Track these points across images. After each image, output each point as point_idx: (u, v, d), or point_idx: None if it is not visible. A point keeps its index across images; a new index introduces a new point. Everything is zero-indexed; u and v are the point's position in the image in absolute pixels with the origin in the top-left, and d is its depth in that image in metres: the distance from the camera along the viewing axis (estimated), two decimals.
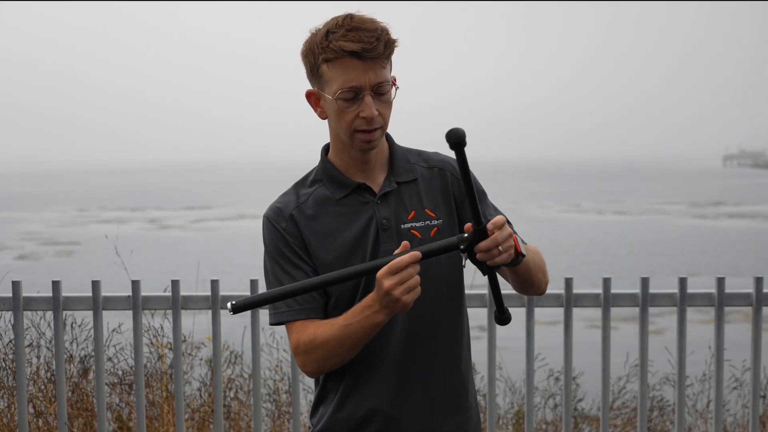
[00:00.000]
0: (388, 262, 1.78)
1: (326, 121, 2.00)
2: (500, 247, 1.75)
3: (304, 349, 1.93)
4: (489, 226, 1.75)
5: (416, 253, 1.77)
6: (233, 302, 1.83)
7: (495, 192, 2.08)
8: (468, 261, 1.82)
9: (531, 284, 2.01)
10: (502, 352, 4.17)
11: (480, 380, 3.92)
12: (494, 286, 1.87)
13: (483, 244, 1.75)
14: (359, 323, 1.85)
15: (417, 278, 1.78)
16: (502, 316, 1.91)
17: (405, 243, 1.81)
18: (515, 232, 1.88)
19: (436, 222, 2.01)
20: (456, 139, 1.67)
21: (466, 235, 1.77)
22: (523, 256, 1.85)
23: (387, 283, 1.77)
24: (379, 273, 1.78)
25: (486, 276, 1.86)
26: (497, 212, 2.05)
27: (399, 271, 1.76)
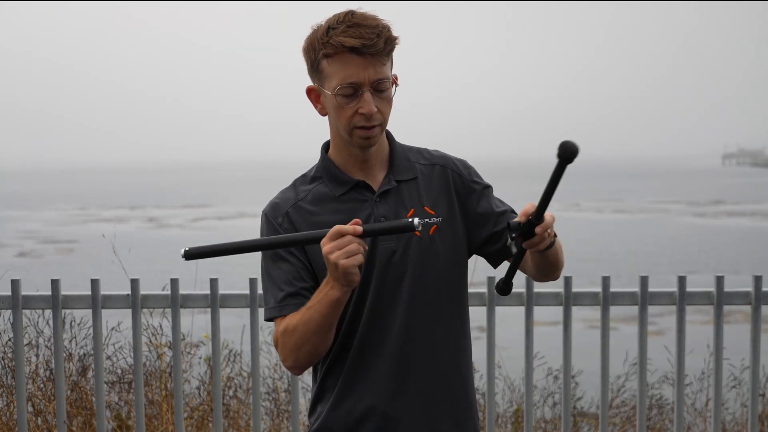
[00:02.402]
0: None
1: (326, 118, 2.01)
2: (549, 231, 1.80)
3: (282, 342, 1.94)
4: (538, 229, 1.77)
5: (357, 228, 1.79)
6: (186, 248, 1.83)
7: (495, 191, 2.09)
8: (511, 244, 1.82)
9: (557, 266, 2.03)
10: (502, 352, 4.17)
11: (479, 379, 3.92)
12: (519, 259, 1.87)
13: (539, 230, 1.77)
14: (319, 302, 1.86)
15: (356, 246, 1.78)
16: (506, 287, 1.90)
17: (356, 219, 1.82)
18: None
19: (435, 220, 2.01)
20: (567, 154, 1.63)
21: (520, 223, 1.79)
22: (555, 235, 1.90)
23: (325, 247, 1.79)
24: (323, 240, 1.80)
25: (515, 251, 1.84)
26: (504, 205, 2.07)
27: (338, 238, 1.78)
